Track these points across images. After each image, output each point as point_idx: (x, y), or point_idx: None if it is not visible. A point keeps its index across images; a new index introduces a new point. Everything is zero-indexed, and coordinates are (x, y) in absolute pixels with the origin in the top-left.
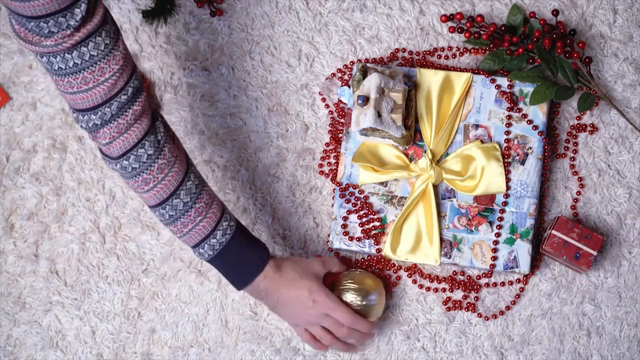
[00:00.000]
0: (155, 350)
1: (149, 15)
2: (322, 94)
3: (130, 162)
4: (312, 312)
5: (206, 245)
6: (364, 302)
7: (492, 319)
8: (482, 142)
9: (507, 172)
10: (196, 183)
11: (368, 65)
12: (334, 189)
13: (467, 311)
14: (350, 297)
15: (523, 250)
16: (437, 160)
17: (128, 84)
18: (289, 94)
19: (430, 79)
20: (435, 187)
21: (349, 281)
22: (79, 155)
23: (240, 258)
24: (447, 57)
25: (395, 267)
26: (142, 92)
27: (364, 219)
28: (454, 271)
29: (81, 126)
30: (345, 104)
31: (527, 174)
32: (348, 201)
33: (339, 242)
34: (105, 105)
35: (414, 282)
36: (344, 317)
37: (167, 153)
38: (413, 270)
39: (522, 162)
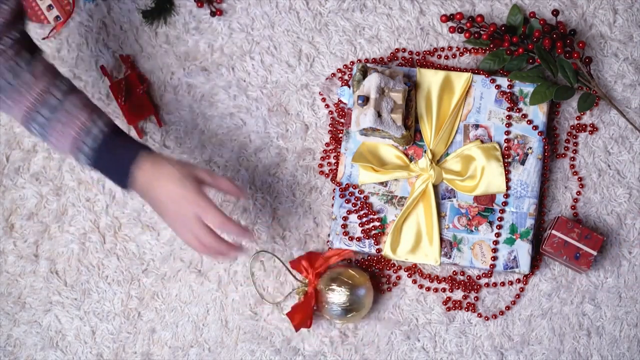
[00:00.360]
0: (155, 350)
1: (149, 15)
2: (322, 94)
3: None
4: (183, 210)
5: (80, 154)
6: (352, 297)
7: (492, 319)
8: (482, 142)
9: (507, 172)
10: (59, 98)
11: (368, 65)
12: (334, 189)
13: (467, 311)
14: (338, 291)
15: (523, 250)
16: (437, 160)
17: None
18: (289, 94)
19: (430, 79)
20: (435, 187)
21: (338, 275)
22: None
23: (116, 160)
24: (447, 57)
25: (395, 267)
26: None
27: (364, 219)
28: (454, 271)
29: None
30: (345, 104)
31: (527, 174)
32: (348, 201)
33: (339, 242)
34: None
35: (414, 282)
36: (214, 218)
37: (28, 76)
38: (413, 270)
39: (522, 162)
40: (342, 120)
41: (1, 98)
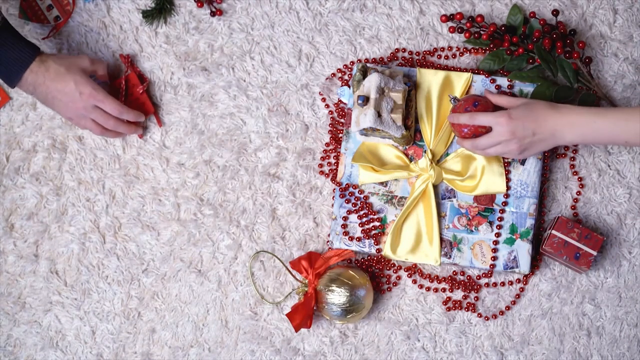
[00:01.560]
0: (155, 350)
1: (149, 15)
2: (322, 94)
3: None
4: (80, 104)
5: None
6: (352, 297)
7: (492, 319)
8: None
9: (507, 172)
10: None
11: (368, 65)
12: (334, 189)
13: (467, 311)
14: (338, 292)
15: (523, 250)
16: (437, 160)
17: None
18: (289, 94)
19: (430, 79)
20: (435, 187)
21: (337, 276)
22: (79, 155)
23: (4, 58)
24: (447, 57)
25: (395, 267)
26: None
27: (364, 219)
28: (454, 271)
29: None
30: (345, 104)
31: (527, 174)
32: (348, 201)
33: (339, 242)
34: None
35: (414, 282)
36: (111, 108)
37: None
38: (413, 270)
39: (522, 162)
40: (342, 120)
41: None
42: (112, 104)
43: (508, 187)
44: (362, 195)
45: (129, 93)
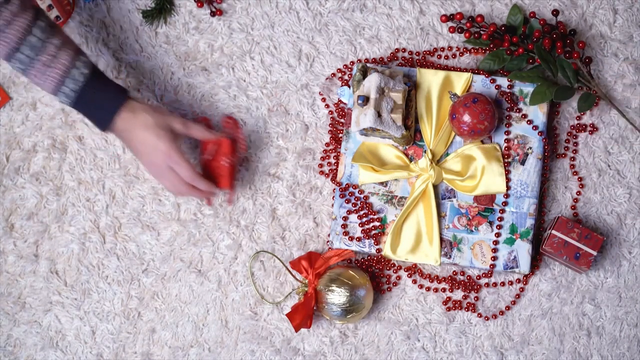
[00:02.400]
0: (155, 350)
1: (149, 15)
2: (322, 94)
3: None
4: (157, 160)
5: (61, 94)
6: (352, 297)
7: (492, 319)
8: (482, 142)
9: (507, 172)
10: (41, 38)
11: (368, 65)
12: (334, 189)
13: (467, 311)
14: (338, 292)
15: (523, 250)
16: (437, 160)
17: None
18: (289, 94)
19: (430, 79)
20: (435, 187)
21: (337, 276)
22: (79, 155)
23: (96, 103)
24: (447, 57)
25: (395, 267)
26: None
27: (364, 219)
28: (454, 271)
29: None
30: (345, 104)
31: (527, 174)
32: (348, 201)
33: (339, 242)
34: None
35: (414, 282)
36: (184, 173)
37: (6, 13)
38: (413, 270)
39: (522, 162)
40: (342, 120)
41: None
42: (187, 170)
43: (508, 187)
44: (362, 195)
45: (216, 159)
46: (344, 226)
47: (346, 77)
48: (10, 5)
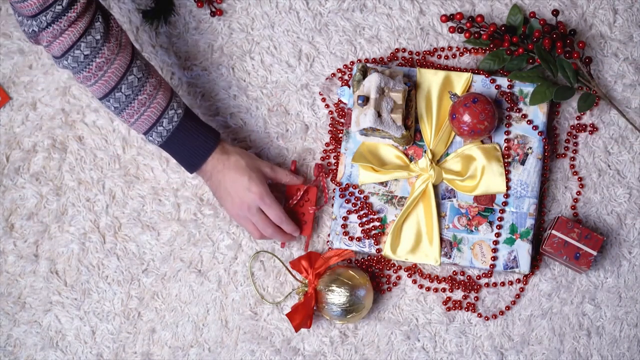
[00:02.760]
0: (155, 350)
1: (149, 15)
2: (322, 94)
3: (70, 62)
4: (246, 201)
5: (154, 133)
6: (352, 297)
7: (492, 319)
8: (482, 142)
9: (507, 172)
10: (139, 77)
11: (368, 65)
12: (334, 189)
13: (467, 311)
14: (338, 292)
15: (523, 250)
16: (437, 160)
17: None
18: (289, 94)
19: (430, 79)
20: (435, 187)
21: (337, 276)
22: (79, 155)
23: (188, 143)
24: (447, 57)
25: (395, 267)
26: (78, 1)
27: (364, 219)
28: (454, 271)
29: (24, 30)
30: (345, 104)
31: (527, 174)
32: (348, 201)
33: (339, 242)
34: (41, 14)
35: (414, 282)
36: (274, 215)
37: (106, 52)
38: (413, 270)
39: (522, 162)
40: (342, 120)
41: (80, 73)
42: (276, 211)
43: (508, 187)
44: (362, 195)
45: (299, 204)
46: (344, 226)
47: (346, 77)
48: (108, 43)
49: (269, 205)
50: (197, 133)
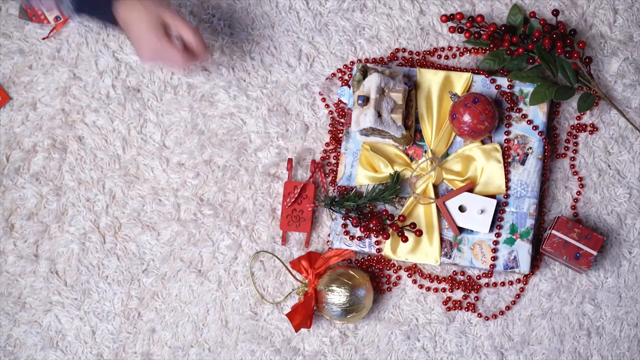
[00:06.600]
0: (155, 350)
1: None
2: (322, 94)
3: None
4: (158, 48)
5: (64, 3)
6: (352, 297)
7: (492, 319)
8: (482, 142)
9: (507, 172)
10: None
11: (368, 65)
12: (334, 189)
13: (467, 311)
14: (338, 292)
15: (523, 250)
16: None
17: None
18: (289, 94)
19: (430, 79)
20: (435, 187)
21: (337, 276)
22: (79, 155)
23: (96, 5)
24: (447, 57)
25: (395, 267)
26: None
27: (364, 221)
28: (454, 271)
29: None
30: (345, 104)
31: (527, 174)
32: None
33: (339, 242)
34: None
35: (414, 282)
36: (181, 26)
37: None
38: (413, 270)
39: (522, 162)
40: (342, 120)
41: None
42: (177, 57)
43: (508, 187)
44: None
45: (297, 201)
46: (344, 226)
47: (346, 77)
48: None
49: (172, 55)
50: None
